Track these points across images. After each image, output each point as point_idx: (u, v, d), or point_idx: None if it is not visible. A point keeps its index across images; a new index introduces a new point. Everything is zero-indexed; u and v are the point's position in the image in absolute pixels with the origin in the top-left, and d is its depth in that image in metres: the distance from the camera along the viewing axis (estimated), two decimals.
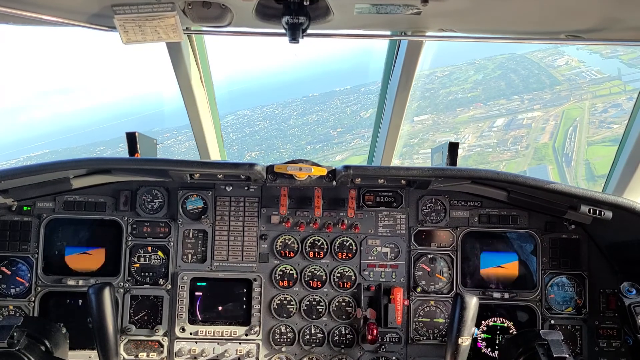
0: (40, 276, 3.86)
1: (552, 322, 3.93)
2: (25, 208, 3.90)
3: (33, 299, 3.85)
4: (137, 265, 3.93)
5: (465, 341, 3.30)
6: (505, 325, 3.96)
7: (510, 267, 4.00)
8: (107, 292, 3.33)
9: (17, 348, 3.16)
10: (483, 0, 2.69)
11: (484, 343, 3.95)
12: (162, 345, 3.90)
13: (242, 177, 3.81)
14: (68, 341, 3.64)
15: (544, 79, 25.92)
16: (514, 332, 3.91)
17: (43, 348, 3.36)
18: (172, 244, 3.95)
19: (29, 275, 3.87)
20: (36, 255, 3.87)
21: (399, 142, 4.89)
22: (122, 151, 3.99)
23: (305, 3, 2.69)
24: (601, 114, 22.51)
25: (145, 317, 3.92)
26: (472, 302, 3.31)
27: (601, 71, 25.73)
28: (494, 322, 3.97)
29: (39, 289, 3.86)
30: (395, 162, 5.22)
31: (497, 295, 3.91)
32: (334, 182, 3.79)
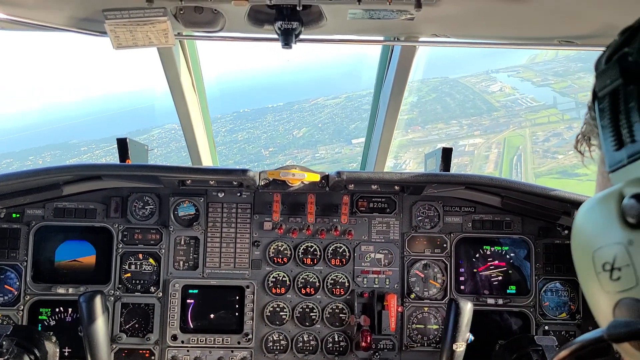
0: (29, 284, 3.80)
1: (546, 327, 3.92)
2: (14, 215, 3.84)
3: (22, 307, 3.79)
4: (129, 275, 3.88)
5: (459, 347, 3.29)
6: (499, 331, 3.94)
7: (501, 270, 3.99)
8: (98, 301, 3.29)
9: (6, 357, 3.11)
10: (476, 6, 2.68)
11: (479, 352, 3.93)
12: (153, 354, 3.85)
13: (235, 183, 3.78)
14: (58, 350, 3.59)
15: (480, 104, 25.90)
16: (508, 338, 3.90)
17: (32, 357, 3.31)
18: (163, 251, 3.91)
19: (17, 283, 3.81)
20: (25, 263, 3.81)
21: (391, 149, 4.88)
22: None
23: (298, 8, 2.68)
24: (543, 143, 22.78)
25: (136, 326, 3.87)
26: (467, 308, 3.30)
27: (536, 99, 26.03)
28: (488, 328, 3.95)
29: (28, 297, 3.80)
30: None
31: (491, 301, 3.90)
32: (327, 188, 3.78)
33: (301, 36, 2.85)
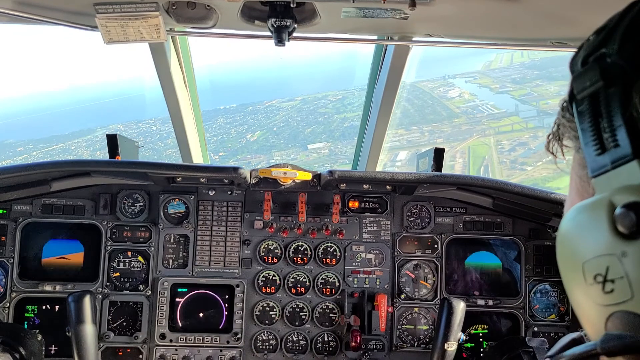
0: (15, 281, 3.75)
1: (536, 329, 3.93)
2: (1, 211, 3.79)
3: (8, 304, 3.74)
4: (117, 274, 3.84)
5: (451, 346, 3.28)
6: (489, 332, 3.95)
7: (493, 269, 4.00)
8: (87, 301, 3.24)
9: None
10: (470, 6, 2.68)
11: (469, 352, 3.94)
12: (141, 353, 3.81)
13: (226, 181, 3.75)
14: (44, 348, 3.54)
15: (440, 110, 25.33)
16: (498, 339, 3.90)
17: (18, 355, 3.26)
18: (152, 248, 3.87)
19: (3, 280, 3.75)
20: (12, 260, 3.76)
21: (383, 149, 4.87)
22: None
23: (292, 5, 2.66)
24: (510, 153, 22.40)
25: (124, 324, 3.83)
26: (460, 307, 3.30)
27: (497, 106, 25.69)
28: (477, 329, 3.96)
29: (14, 294, 3.75)
30: None
31: (481, 302, 3.90)
32: (319, 187, 3.76)
33: (294, 34, 2.84)
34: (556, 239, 0.93)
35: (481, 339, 3.94)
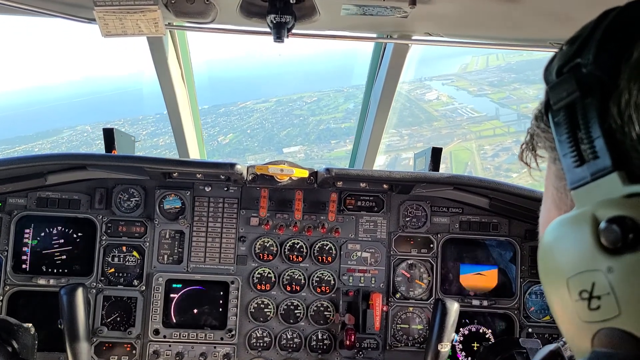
0: (9, 274, 3.73)
1: (530, 330, 3.93)
2: None
3: (1, 298, 3.72)
4: (112, 270, 3.82)
5: (444, 347, 3.28)
6: (483, 332, 3.95)
7: (490, 275, 3.99)
8: (80, 293, 3.23)
9: None
10: (470, 5, 2.67)
11: (463, 353, 3.94)
12: (134, 348, 3.79)
13: (222, 177, 3.74)
14: (37, 342, 3.52)
15: (418, 113, 24.62)
16: (492, 340, 3.90)
17: (10, 349, 3.24)
18: (147, 244, 3.86)
19: None
20: (5, 253, 3.74)
21: (381, 147, 4.87)
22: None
23: (291, 1, 2.65)
24: (493, 159, 21.76)
25: (118, 319, 3.82)
26: (453, 308, 3.30)
27: (476, 109, 25.01)
28: (472, 329, 3.95)
29: (8, 287, 3.73)
30: None
31: (476, 302, 3.90)
32: (315, 185, 3.75)
33: (293, 30, 2.83)
34: (537, 254, 0.90)
35: (476, 340, 3.94)
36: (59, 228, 3.84)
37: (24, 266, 3.78)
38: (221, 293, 3.87)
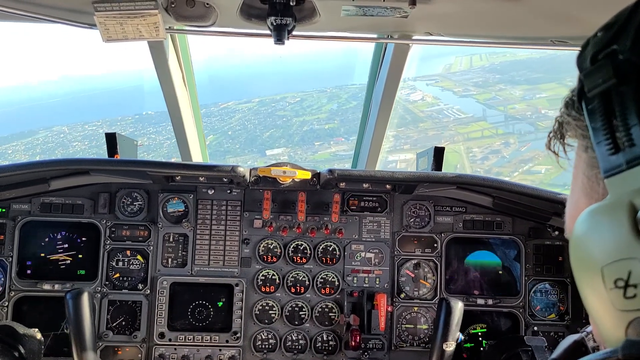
0: (14, 280, 3.74)
1: (535, 328, 3.92)
2: None
3: (6, 303, 3.73)
4: (117, 274, 3.82)
5: (449, 346, 3.27)
6: (488, 331, 3.94)
7: (493, 268, 3.99)
8: (85, 298, 3.23)
9: None
10: (470, 4, 2.67)
11: (468, 352, 3.93)
12: (140, 352, 3.80)
13: (225, 180, 3.74)
14: (43, 347, 3.53)
15: (403, 113, 24.19)
16: (497, 339, 3.89)
17: (16, 354, 3.25)
18: (151, 247, 3.86)
19: (2, 279, 3.74)
20: (10, 259, 3.75)
21: (383, 147, 4.86)
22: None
23: (291, 3, 2.65)
24: (483, 162, 21.41)
25: (123, 323, 3.82)
26: (458, 307, 3.29)
27: (463, 110, 24.53)
28: (477, 328, 3.95)
29: (13, 293, 3.74)
30: None
31: (480, 301, 3.89)
32: (318, 186, 3.75)
33: (294, 32, 2.83)
34: (570, 243, 0.90)
35: (480, 339, 3.94)
36: (63, 233, 3.85)
37: (28, 271, 3.79)
38: (226, 295, 3.87)
